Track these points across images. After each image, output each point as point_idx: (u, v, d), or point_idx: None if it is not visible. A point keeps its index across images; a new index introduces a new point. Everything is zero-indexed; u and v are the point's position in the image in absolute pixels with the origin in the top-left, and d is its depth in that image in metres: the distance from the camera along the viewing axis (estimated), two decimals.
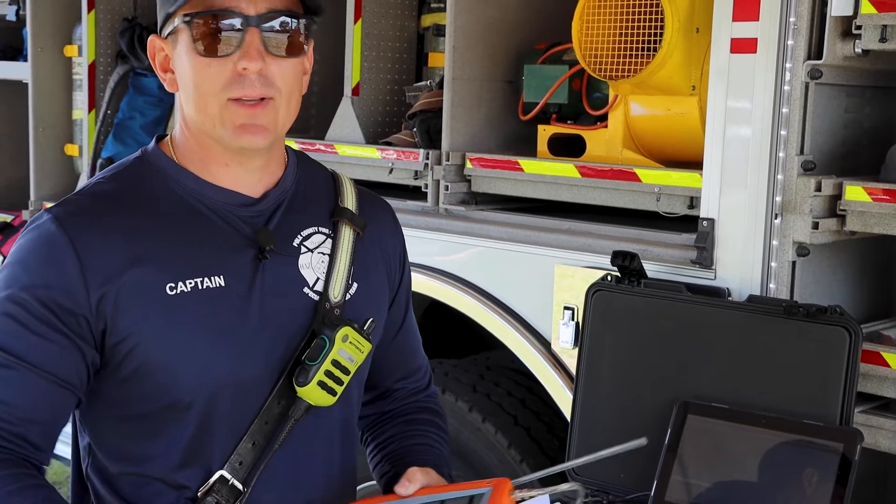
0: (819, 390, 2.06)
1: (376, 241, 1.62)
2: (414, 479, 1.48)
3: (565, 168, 2.65)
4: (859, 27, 2.14)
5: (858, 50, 2.17)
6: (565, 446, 2.73)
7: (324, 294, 1.52)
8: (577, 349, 2.51)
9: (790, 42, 2.17)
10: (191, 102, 1.46)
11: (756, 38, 2.20)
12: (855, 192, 2.16)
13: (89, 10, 4.03)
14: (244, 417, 1.47)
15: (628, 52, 2.50)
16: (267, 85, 1.43)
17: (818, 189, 2.19)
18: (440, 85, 3.02)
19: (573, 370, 2.53)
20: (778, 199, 2.21)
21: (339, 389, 1.49)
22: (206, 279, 1.44)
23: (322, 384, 1.47)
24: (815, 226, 2.19)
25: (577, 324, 2.50)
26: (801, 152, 2.23)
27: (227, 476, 1.46)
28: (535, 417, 2.80)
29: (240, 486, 1.47)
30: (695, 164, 2.55)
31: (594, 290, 2.35)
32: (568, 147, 2.80)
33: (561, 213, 2.69)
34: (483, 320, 2.69)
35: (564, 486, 1.41)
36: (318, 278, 1.53)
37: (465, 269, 2.76)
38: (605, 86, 2.71)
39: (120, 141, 4.03)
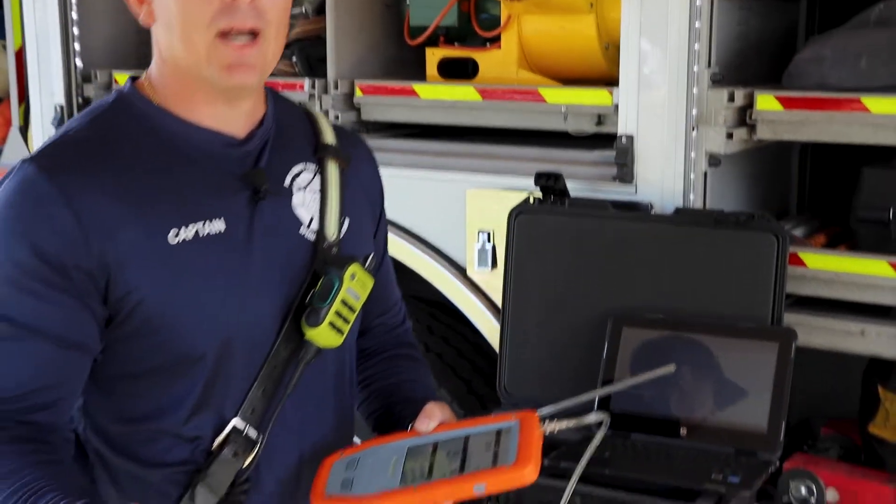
0: (750, 295, 2.15)
1: (358, 176, 1.57)
2: (433, 416, 1.44)
3: (465, 91, 2.62)
4: None
5: None
6: (481, 371, 2.78)
7: (320, 233, 1.46)
8: (493, 273, 2.52)
9: None
10: (174, 37, 1.34)
11: None
12: (766, 102, 2.24)
13: None
14: (253, 364, 1.41)
15: None
16: (258, 16, 1.33)
17: (731, 100, 2.26)
18: (317, 11, 2.92)
19: (491, 295, 2.54)
20: (694, 111, 2.27)
21: (346, 328, 1.45)
22: (206, 223, 1.36)
23: (332, 325, 1.43)
24: (730, 136, 2.26)
25: (494, 247, 2.51)
26: (709, 65, 2.29)
27: (241, 425, 1.40)
28: (444, 342, 2.81)
29: (254, 435, 1.41)
30: (592, 81, 2.58)
31: (517, 213, 2.36)
32: (457, 70, 2.77)
33: (464, 138, 2.67)
34: (395, 250, 2.64)
35: (591, 417, 1.41)
36: (311, 217, 1.47)
37: None
38: (495, 6, 2.69)
39: None
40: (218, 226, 1.37)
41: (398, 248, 2.61)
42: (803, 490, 2.32)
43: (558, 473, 1.96)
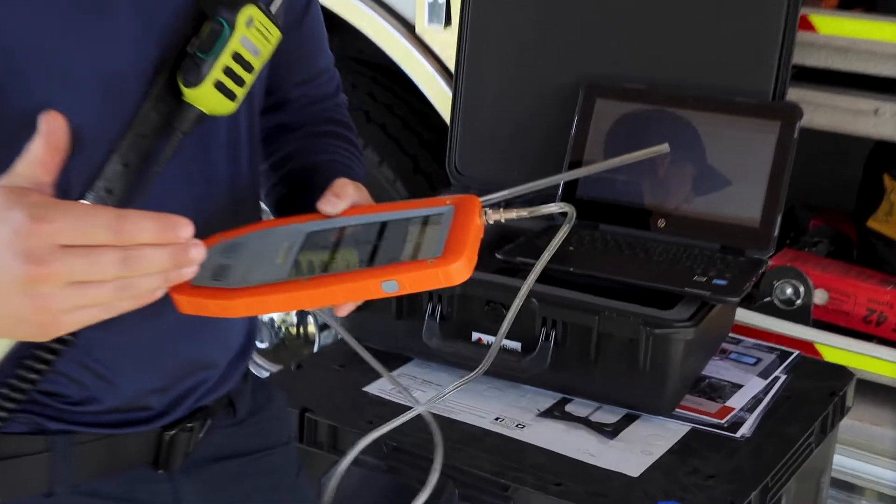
0: (749, 63, 1.80)
1: None
2: (343, 193, 1.10)
3: None
4: None
5: None
6: (428, 145, 2.44)
7: None
8: (447, 30, 2.15)
9: None
10: None
11: None
12: None
13: None
14: (111, 130, 1.06)
15: None
16: None
17: None
18: None
19: (444, 57, 2.19)
20: None
21: (241, 92, 1.09)
22: None
23: (220, 85, 1.06)
24: None
25: (448, 0, 2.12)
26: None
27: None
28: (387, 111, 2.46)
29: None
30: None
31: None
32: None
33: None
34: (330, 1, 2.25)
35: (551, 207, 1.07)
36: None
37: None
38: None
39: None
40: None
41: None
42: (789, 290, 2.06)
43: (513, 269, 1.67)
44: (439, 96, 2.21)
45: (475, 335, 1.63)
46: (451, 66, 2.09)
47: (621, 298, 1.58)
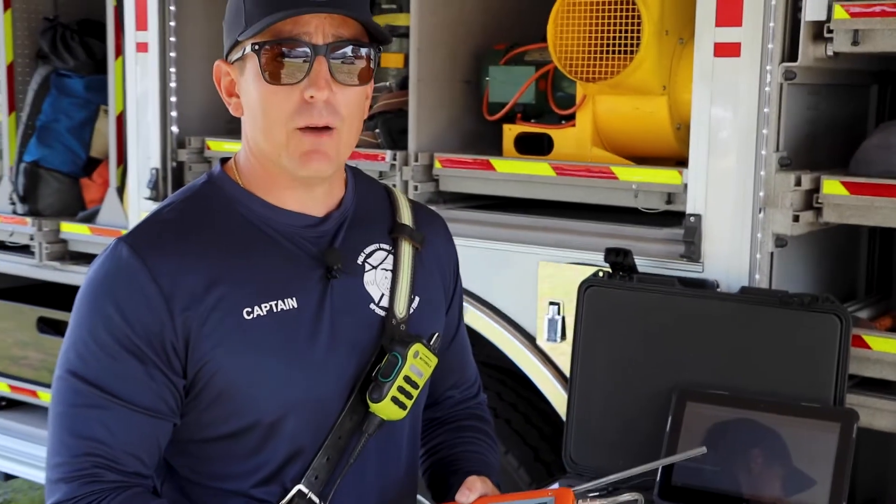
0: (813, 374, 2.20)
1: (432, 254, 1.67)
2: (474, 488, 1.52)
3: (539, 167, 2.72)
4: (831, 31, 2.27)
5: (830, 52, 2.30)
6: (548, 438, 2.84)
7: (389, 310, 1.56)
8: (562, 343, 2.60)
9: (770, 45, 2.29)
10: (257, 129, 1.48)
11: (740, 43, 2.32)
12: (832, 186, 2.30)
13: (5, 9, 3.91)
14: (319, 433, 1.51)
15: (603, 54, 2.58)
16: (332, 113, 1.45)
17: (797, 184, 2.32)
18: (400, 86, 3.06)
19: (560, 364, 2.62)
20: (761, 193, 2.33)
21: (409, 403, 1.55)
22: (279, 301, 1.48)
23: (395, 399, 1.52)
24: (796, 218, 2.32)
25: (563, 319, 2.58)
26: (777, 149, 2.36)
27: (305, 490, 1.50)
28: (512, 409, 2.88)
29: (317, 501, 1.51)
30: (662, 159, 2.67)
31: (587, 286, 2.44)
32: (532, 146, 2.87)
33: (537, 211, 2.77)
34: (467, 317, 2.74)
35: (626, 497, 1.48)
36: (382, 294, 1.57)
37: None
38: (570, 85, 2.79)
39: (45, 144, 3.90)
40: (290, 303, 1.48)
41: (471, 315, 2.71)
42: None
43: None
44: (556, 396, 2.63)
45: None
46: (566, 371, 2.53)
47: None
